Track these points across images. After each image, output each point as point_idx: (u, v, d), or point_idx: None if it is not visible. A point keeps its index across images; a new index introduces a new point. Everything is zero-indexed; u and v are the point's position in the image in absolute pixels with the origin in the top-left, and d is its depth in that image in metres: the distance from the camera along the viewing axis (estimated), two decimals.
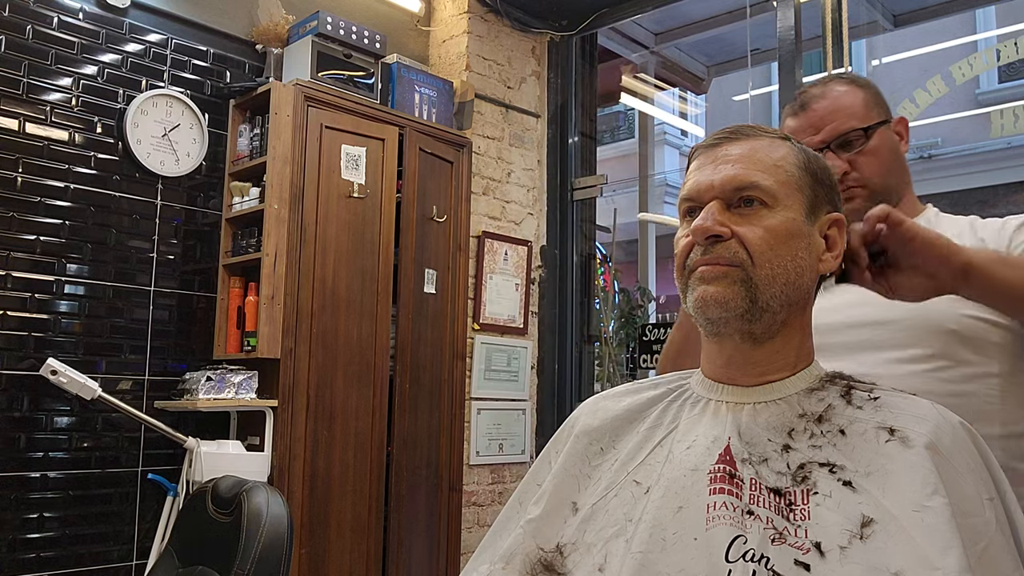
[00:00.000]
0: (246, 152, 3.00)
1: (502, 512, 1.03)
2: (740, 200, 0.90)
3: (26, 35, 2.60)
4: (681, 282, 0.93)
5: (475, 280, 3.56)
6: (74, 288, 2.65)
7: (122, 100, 2.79)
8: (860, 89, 1.32)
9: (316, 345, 2.89)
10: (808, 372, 0.93)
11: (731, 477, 0.85)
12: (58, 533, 2.55)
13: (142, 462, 2.74)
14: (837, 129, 1.28)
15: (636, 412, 0.98)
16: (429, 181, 3.34)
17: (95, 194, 2.71)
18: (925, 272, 0.99)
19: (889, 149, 1.30)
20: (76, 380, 2.49)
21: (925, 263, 0.98)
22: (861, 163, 1.28)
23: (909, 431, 0.83)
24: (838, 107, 1.30)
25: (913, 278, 1.00)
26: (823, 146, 1.30)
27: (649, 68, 5.02)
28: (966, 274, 0.99)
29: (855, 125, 1.28)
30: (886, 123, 1.31)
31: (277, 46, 3.14)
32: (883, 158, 1.29)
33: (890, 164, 1.29)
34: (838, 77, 1.37)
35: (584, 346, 3.94)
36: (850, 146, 1.28)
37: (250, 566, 1.62)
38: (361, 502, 2.96)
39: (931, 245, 0.98)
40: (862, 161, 1.28)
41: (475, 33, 3.70)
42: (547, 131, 3.99)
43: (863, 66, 6.36)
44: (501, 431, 3.62)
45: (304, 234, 2.90)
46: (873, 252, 0.99)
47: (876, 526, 0.77)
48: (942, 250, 0.98)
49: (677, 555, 0.82)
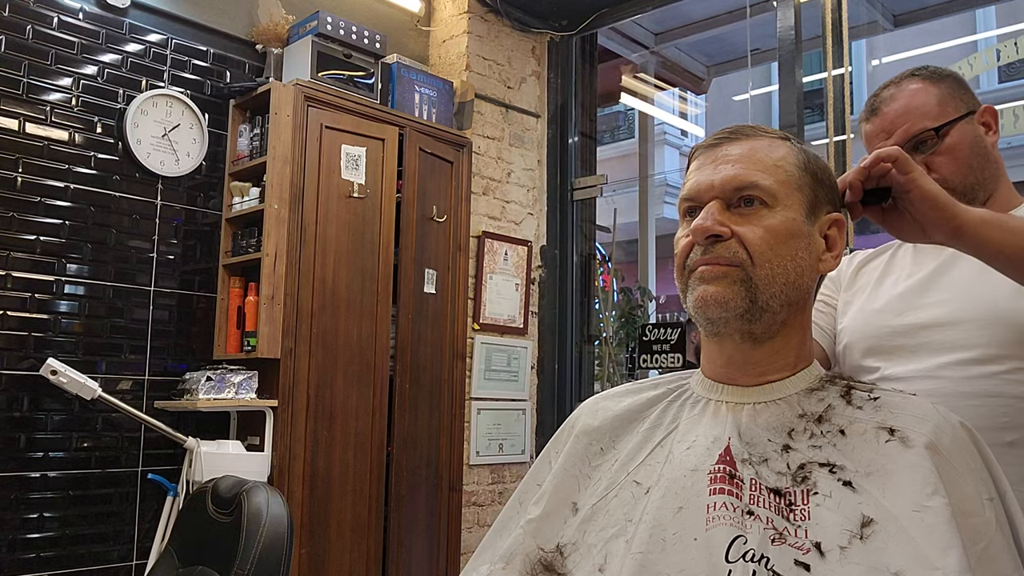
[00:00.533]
0: (246, 152, 3.00)
1: (502, 512, 1.03)
2: (740, 200, 0.89)
3: (26, 35, 2.60)
4: (681, 282, 0.93)
5: (475, 280, 3.56)
6: (74, 288, 2.65)
7: (122, 100, 2.79)
8: (934, 85, 1.27)
9: (316, 345, 2.89)
10: (808, 372, 0.93)
11: (731, 477, 0.85)
12: (58, 533, 2.55)
13: (142, 462, 2.74)
14: (908, 131, 1.24)
15: (636, 412, 0.98)
16: (429, 181, 3.34)
17: (95, 194, 2.71)
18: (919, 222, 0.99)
19: (969, 144, 1.25)
20: (76, 380, 2.49)
21: (921, 216, 0.98)
22: (937, 163, 1.23)
23: (909, 431, 0.83)
24: (910, 108, 1.26)
25: (905, 221, 1.01)
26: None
27: (649, 68, 5.02)
28: (958, 235, 0.99)
29: (927, 125, 1.24)
30: (964, 117, 1.25)
31: (277, 46, 3.14)
32: (961, 155, 1.24)
33: (969, 160, 1.24)
34: (912, 74, 1.31)
35: (584, 346, 3.94)
36: (924, 147, 1.24)
37: (250, 566, 1.62)
38: (361, 502, 2.96)
39: (929, 200, 0.98)
40: (938, 161, 1.23)
41: (475, 33, 3.70)
42: (547, 131, 3.99)
43: (863, 66, 6.36)
44: (501, 431, 3.62)
45: (304, 234, 2.90)
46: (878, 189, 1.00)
47: (876, 526, 0.77)
48: (938, 209, 0.98)
49: (677, 555, 0.82)
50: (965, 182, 1.24)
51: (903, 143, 1.24)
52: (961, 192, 1.23)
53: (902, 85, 1.29)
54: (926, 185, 0.97)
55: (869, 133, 1.30)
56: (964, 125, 1.25)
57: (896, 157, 0.97)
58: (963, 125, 1.25)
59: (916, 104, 1.25)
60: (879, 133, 1.28)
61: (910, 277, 1.27)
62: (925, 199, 0.97)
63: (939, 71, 1.31)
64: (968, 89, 1.30)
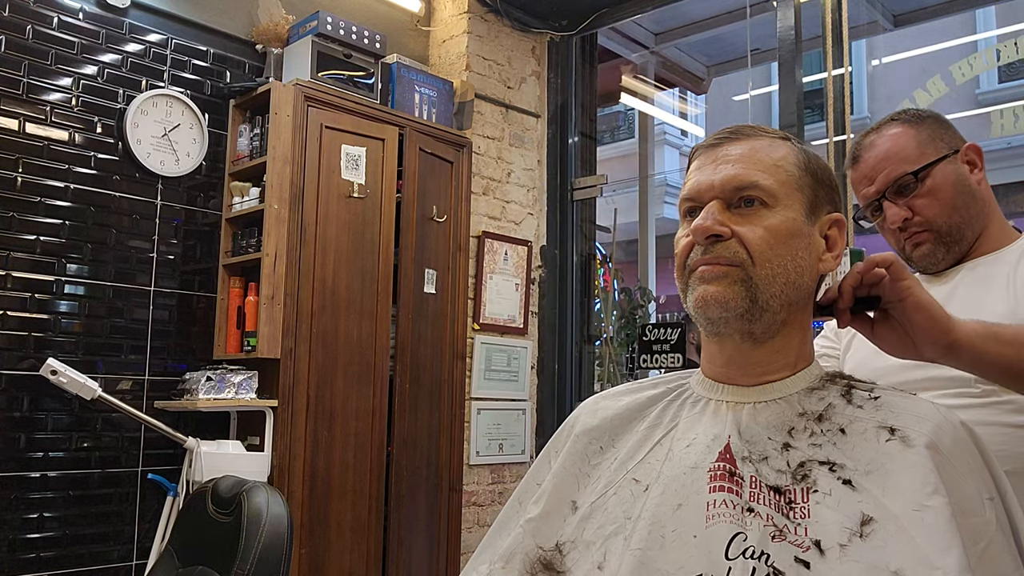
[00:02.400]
0: (246, 152, 3.00)
1: (502, 512, 1.03)
2: (740, 200, 0.89)
3: (26, 35, 2.60)
4: (681, 282, 0.93)
5: (475, 280, 3.56)
6: (74, 288, 2.65)
7: (122, 100, 2.79)
8: (913, 128, 1.28)
9: (316, 345, 2.89)
10: (808, 372, 0.93)
11: (731, 475, 0.85)
12: (58, 533, 2.55)
13: (142, 462, 2.74)
14: (889, 177, 1.25)
15: (636, 411, 0.98)
16: (429, 181, 3.34)
17: (95, 194, 2.71)
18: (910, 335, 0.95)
19: (952, 185, 1.25)
20: (76, 380, 2.49)
21: (912, 327, 0.94)
22: (920, 206, 1.24)
23: (910, 430, 0.83)
24: (889, 153, 1.26)
25: (896, 335, 0.96)
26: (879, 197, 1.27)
27: (649, 68, 5.02)
28: (951, 352, 0.95)
29: (906, 169, 1.24)
30: (945, 159, 1.25)
31: (277, 46, 3.14)
32: (944, 196, 1.24)
33: (953, 200, 1.24)
34: (892, 119, 1.31)
35: (584, 346, 3.94)
36: (906, 190, 1.25)
37: (250, 566, 1.62)
38: (361, 502, 2.96)
39: (923, 310, 0.93)
40: (920, 204, 1.24)
41: (475, 33, 3.70)
42: (547, 131, 3.99)
43: (863, 66, 6.36)
44: (501, 431, 3.62)
45: (304, 234, 2.90)
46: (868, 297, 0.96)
47: (876, 525, 0.77)
48: (932, 320, 0.93)
49: (676, 552, 0.82)
50: (950, 223, 1.25)
51: (884, 188, 1.26)
52: (946, 233, 1.25)
53: (882, 131, 1.30)
54: (921, 295, 0.93)
55: (853, 180, 1.31)
56: (946, 166, 1.25)
57: (891, 262, 0.94)
58: (945, 166, 1.25)
59: (895, 149, 1.26)
60: (861, 180, 1.29)
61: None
62: (919, 308, 0.93)
63: (920, 114, 1.31)
64: (951, 128, 1.30)
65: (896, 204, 1.26)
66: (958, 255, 1.28)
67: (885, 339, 0.97)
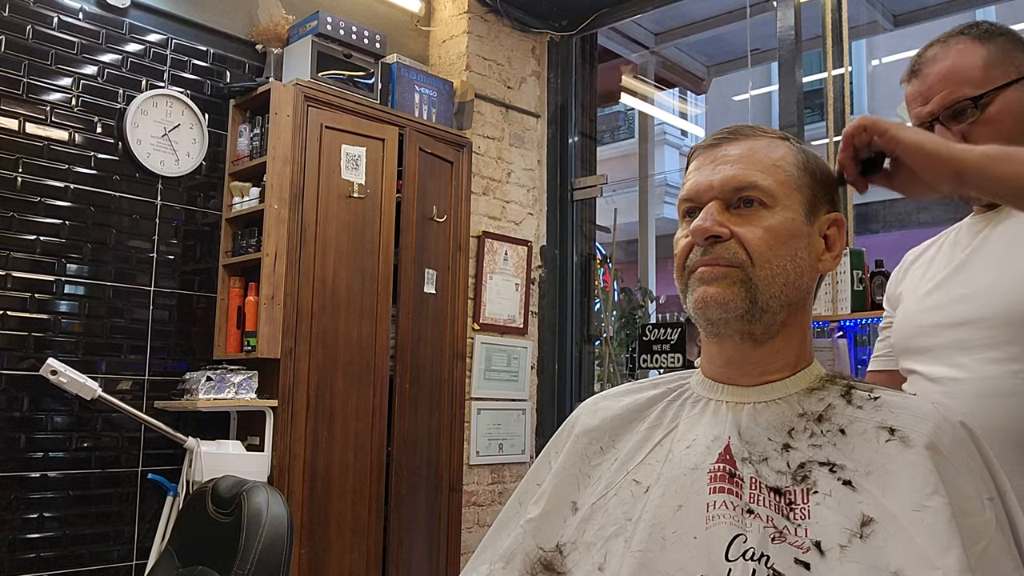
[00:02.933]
0: (246, 152, 3.00)
1: (502, 512, 1.03)
2: (739, 200, 0.89)
3: (26, 35, 2.60)
4: (681, 283, 0.93)
5: (475, 280, 3.56)
6: (74, 288, 2.65)
7: (122, 100, 2.79)
8: (982, 45, 1.14)
9: (316, 345, 2.89)
10: (808, 372, 0.93)
11: (731, 476, 0.85)
12: (58, 533, 2.55)
13: (142, 462, 2.74)
14: (945, 100, 1.13)
15: (636, 412, 0.98)
16: (429, 181, 3.34)
17: (95, 194, 2.71)
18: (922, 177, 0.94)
19: (1015, 115, 1.12)
20: (76, 380, 2.49)
21: (918, 168, 0.94)
22: (976, 135, 1.11)
23: (909, 431, 0.83)
24: (951, 71, 1.14)
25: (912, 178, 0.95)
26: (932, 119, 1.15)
27: (649, 68, 5.02)
28: (960, 177, 0.93)
29: (967, 93, 1.12)
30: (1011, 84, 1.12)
31: (277, 46, 3.14)
32: (1004, 127, 1.11)
33: (1014, 132, 1.10)
34: (961, 32, 1.18)
35: (584, 346, 3.94)
36: (964, 116, 1.12)
37: (250, 566, 1.62)
38: (361, 502, 2.96)
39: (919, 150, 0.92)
40: (977, 132, 1.11)
41: (475, 33, 3.70)
42: (547, 131, 3.99)
43: (863, 66, 6.36)
44: (501, 431, 3.62)
45: (304, 234, 2.90)
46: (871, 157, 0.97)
47: (876, 525, 0.77)
48: (932, 155, 0.92)
49: (677, 554, 0.82)
50: None
51: (940, 111, 1.14)
52: None
53: (948, 43, 1.17)
54: (907, 136, 0.92)
55: (909, 96, 1.20)
56: (1012, 92, 1.12)
57: (866, 125, 0.94)
58: (1010, 92, 1.12)
59: (958, 68, 1.14)
60: (917, 97, 1.18)
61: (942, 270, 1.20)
62: (913, 150, 0.92)
63: (993, 28, 1.17)
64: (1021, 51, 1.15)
65: (950, 130, 1.13)
66: None
67: (905, 186, 0.97)
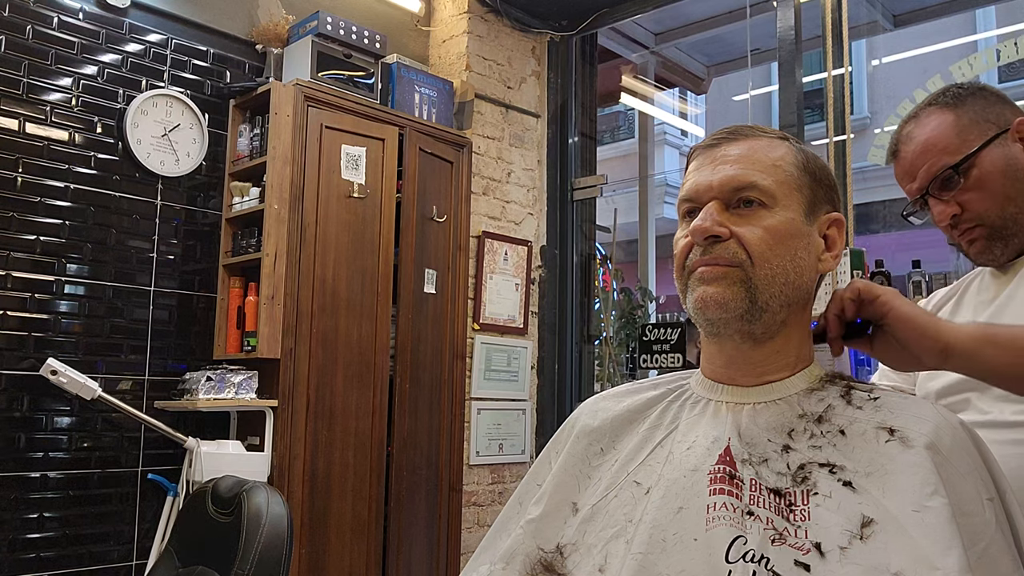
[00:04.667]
0: (246, 152, 3.00)
1: (502, 512, 1.03)
2: (739, 200, 0.89)
3: (26, 35, 2.60)
4: (681, 283, 0.93)
5: (475, 280, 3.56)
6: (74, 288, 2.65)
7: (122, 100, 2.79)
8: (952, 112, 1.14)
9: (316, 345, 2.89)
10: (808, 372, 0.92)
11: (731, 478, 0.85)
12: (58, 533, 2.55)
13: (142, 462, 2.74)
14: (929, 172, 1.13)
15: (636, 412, 0.98)
16: (429, 181, 3.34)
17: (95, 194, 2.71)
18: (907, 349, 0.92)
19: (1001, 172, 1.11)
20: (76, 380, 2.49)
21: (904, 339, 0.92)
22: (968, 200, 1.12)
23: (909, 431, 0.83)
24: (927, 145, 1.14)
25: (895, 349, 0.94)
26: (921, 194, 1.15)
27: (649, 68, 5.02)
28: (946, 356, 0.92)
29: (947, 162, 1.12)
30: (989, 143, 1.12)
31: (277, 46, 3.14)
32: (993, 186, 1.11)
33: (1005, 189, 1.11)
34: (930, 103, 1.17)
35: (584, 346, 3.94)
36: (951, 184, 1.12)
37: (250, 566, 1.62)
38: (361, 502, 2.96)
39: (908, 322, 0.91)
40: (968, 198, 1.12)
41: (475, 33, 3.70)
42: (547, 131, 3.99)
43: (863, 66, 6.36)
44: (501, 431, 3.62)
45: (304, 234, 2.90)
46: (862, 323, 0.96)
47: (876, 526, 0.77)
48: (921, 329, 0.91)
49: (677, 556, 0.82)
50: (1004, 215, 1.12)
51: (927, 185, 1.14)
52: (1001, 226, 1.12)
53: (919, 118, 1.17)
54: (901, 307, 0.91)
55: (896, 176, 1.20)
56: (993, 150, 1.12)
57: (859, 289, 0.93)
58: (992, 150, 1.12)
59: (933, 140, 1.14)
60: (903, 176, 1.18)
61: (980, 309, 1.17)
62: (902, 321, 0.91)
63: (961, 92, 1.17)
64: (999, 102, 1.16)
65: (942, 200, 1.13)
66: (1020, 247, 1.14)
67: (886, 355, 0.96)
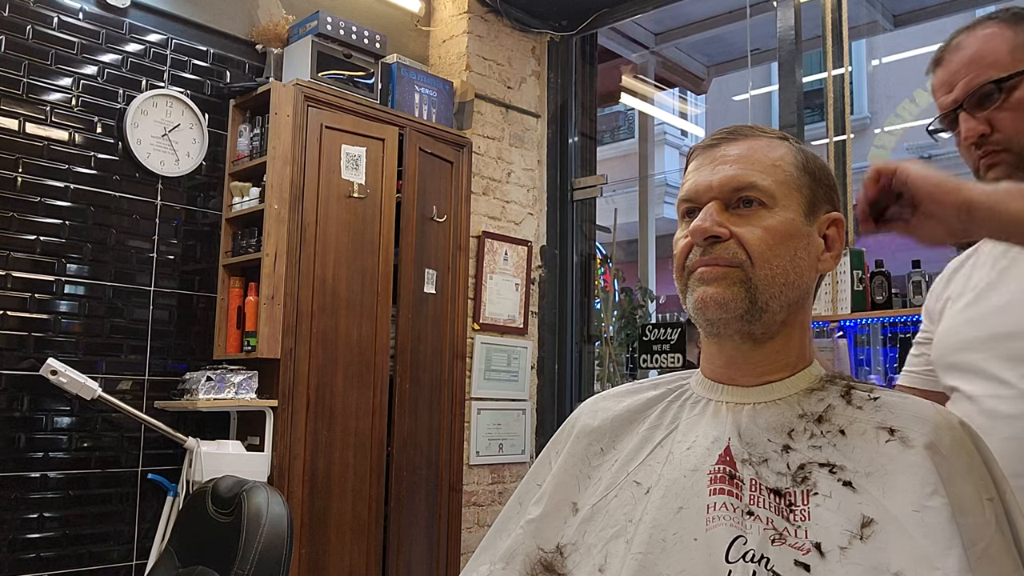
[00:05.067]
0: (246, 152, 3.00)
1: (502, 512, 1.03)
2: (739, 201, 0.89)
3: (26, 35, 2.60)
4: (680, 283, 0.93)
5: (475, 280, 3.56)
6: (74, 288, 2.65)
7: (122, 100, 2.79)
8: (1010, 28, 1.09)
9: (316, 345, 2.89)
10: (808, 372, 0.92)
11: (731, 478, 0.85)
12: (58, 533, 2.55)
13: (142, 462, 2.74)
14: (970, 84, 1.08)
15: (636, 412, 0.98)
16: (429, 181, 3.34)
17: (95, 194, 2.71)
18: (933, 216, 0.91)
19: None
20: (76, 380, 2.49)
21: (927, 206, 0.90)
22: (1001, 121, 1.07)
23: (909, 431, 0.83)
24: (977, 56, 1.08)
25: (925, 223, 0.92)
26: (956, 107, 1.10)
27: (649, 68, 5.02)
28: (969, 212, 0.89)
29: (992, 76, 1.07)
30: None
31: (277, 46, 3.14)
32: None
33: None
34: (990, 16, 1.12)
35: (584, 346, 3.94)
36: (988, 101, 1.07)
37: (250, 566, 1.62)
38: (361, 502, 2.96)
39: (926, 181, 0.90)
40: (1002, 118, 1.07)
41: (475, 33, 3.70)
42: (547, 131, 3.99)
43: (863, 66, 6.36)
44: (501, 431, 3.62)
45: (304, 234, 2.90)
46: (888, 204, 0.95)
47: (876, 526, 0.77)
48: (939, 190, 0.89)
49: (677, 556, 0.82)
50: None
51: (963, 97, 1.09)
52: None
53: (974, 29, 1.11)
54: (918, 170, 0.90)
55: (933, 86, 1.15)
56: None
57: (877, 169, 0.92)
58: None
59: (984, 52, 1.08)
60: (941, 86, 1.13)
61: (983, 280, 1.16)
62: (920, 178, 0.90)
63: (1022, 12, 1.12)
64: None
65: (974, 117, 1.09)
66: None
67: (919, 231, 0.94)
